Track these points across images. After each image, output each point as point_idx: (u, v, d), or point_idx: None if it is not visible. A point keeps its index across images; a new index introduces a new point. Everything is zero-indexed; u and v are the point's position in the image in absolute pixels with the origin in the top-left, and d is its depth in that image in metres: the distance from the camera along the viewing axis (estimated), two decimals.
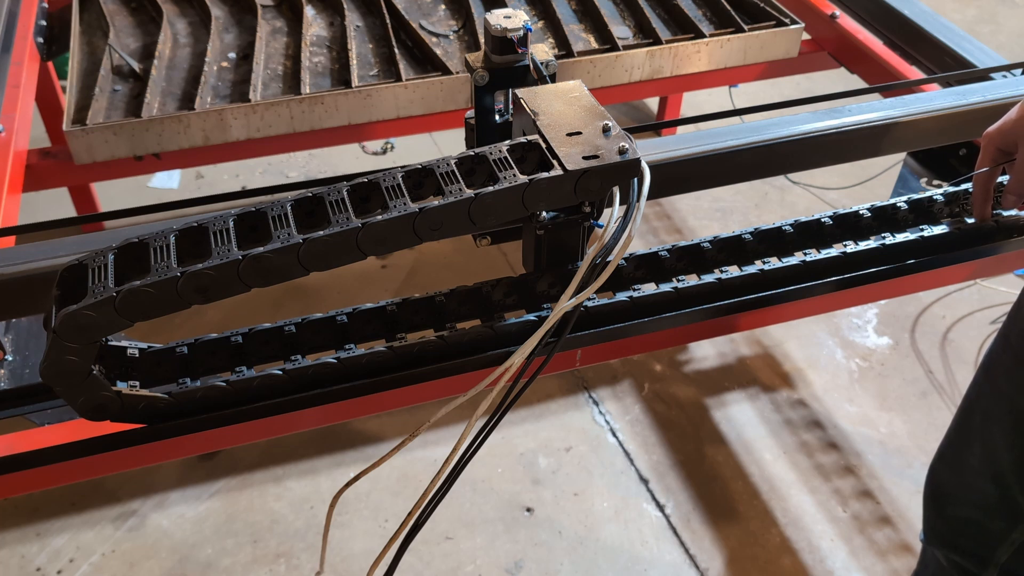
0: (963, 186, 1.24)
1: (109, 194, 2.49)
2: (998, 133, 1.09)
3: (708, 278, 1.10)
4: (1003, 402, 1.05)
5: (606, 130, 0.90)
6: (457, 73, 1.65)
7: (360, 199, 0.86)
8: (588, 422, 2.01)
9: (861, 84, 1.81)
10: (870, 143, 1.27)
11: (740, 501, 1.86)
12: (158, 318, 0.79)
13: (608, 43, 1.75)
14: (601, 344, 1.09)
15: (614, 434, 1.98)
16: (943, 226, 1.19)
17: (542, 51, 1.05)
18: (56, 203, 2.26)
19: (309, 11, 1.83)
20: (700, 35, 1.77)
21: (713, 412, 2.04)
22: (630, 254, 1.10)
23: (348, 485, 0.95)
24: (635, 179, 0.89)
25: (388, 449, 0.87)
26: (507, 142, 0.90)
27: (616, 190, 0.89)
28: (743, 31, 1.78)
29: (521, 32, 0.98)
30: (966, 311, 2.30)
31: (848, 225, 1.20)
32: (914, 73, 1.69)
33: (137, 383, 0.91)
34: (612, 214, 0.87)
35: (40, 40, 1.77)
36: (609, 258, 0.86)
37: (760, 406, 2.05)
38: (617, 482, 1.89)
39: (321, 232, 0.80)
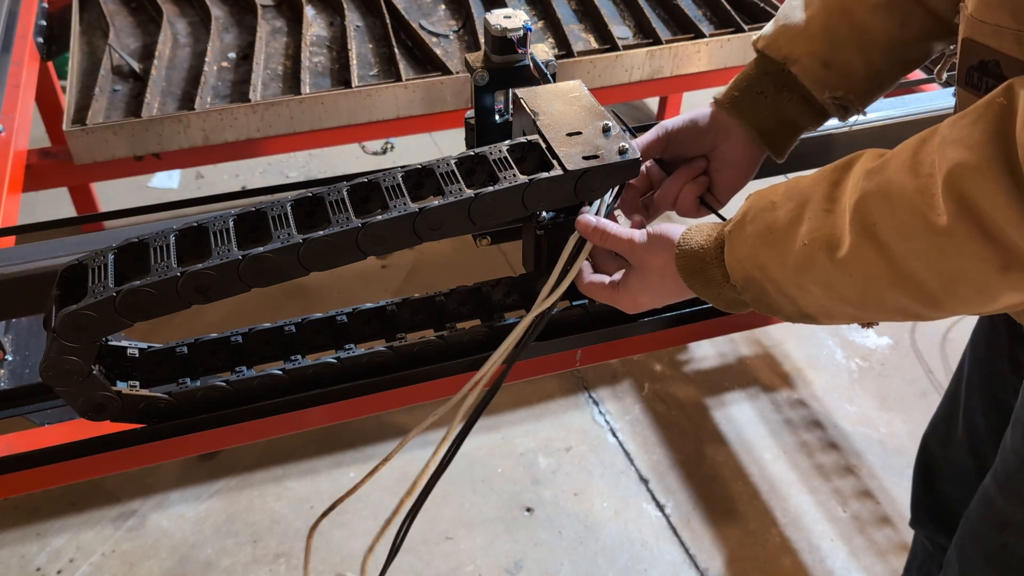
0: None
1: (109, 194, 2.49)
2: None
3: None
4: (984, 367, 1.08)
5: (606, 130, 0.90)
6: (457, 73, 1.65)
7: (360, 199, 0.86)
8: (588, 422, 2.01)
9: None
10: (870, 143, 1.27)
11: (740, 501, 1.86)
12: (158, 318, 0.79)
13: (608, 43, 1.75)
14: (601, 344, 1.09)
15: (614, 434, 1.98)
16: None
17: (542, 51, 1.05)
18: (56, 203, 2.26)
19: (309, 11, 1.83)
20: (700, 35, 1.77)
21: (713, 412, 2.04)
22: None
23: (326, 514, 0.93)
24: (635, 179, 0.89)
25: (388, 449, 0.87)
26: (507, 142, 0.90)
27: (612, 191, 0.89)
28: (743, 31, 1.78)
29: (521, 32, 0.98)
30: None
31: None
32: (914, 73, 1.69)
33: (137, 383, 0.91)
34: (602, 210, 0.88)
35: (40, 40, 1.77)
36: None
37: (760, 406, 2.05)
38: (617, 482, 1.89)
39: (321, 232, 0.80)
